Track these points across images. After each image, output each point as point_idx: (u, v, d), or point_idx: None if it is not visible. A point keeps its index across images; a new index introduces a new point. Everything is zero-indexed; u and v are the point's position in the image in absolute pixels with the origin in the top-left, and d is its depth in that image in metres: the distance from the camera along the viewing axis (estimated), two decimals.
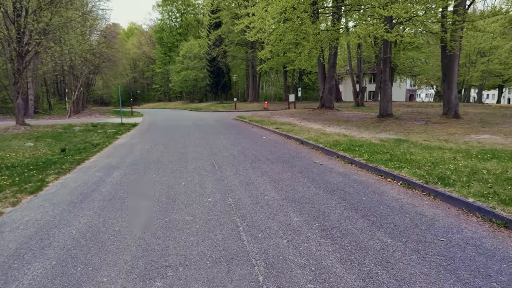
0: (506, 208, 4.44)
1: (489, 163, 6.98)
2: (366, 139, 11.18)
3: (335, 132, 13.62)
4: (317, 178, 6.85)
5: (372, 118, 19.83)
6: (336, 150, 9.28)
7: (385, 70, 18.26)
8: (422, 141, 10.65)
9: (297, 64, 26.55)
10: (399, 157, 7.78)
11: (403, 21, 14.43)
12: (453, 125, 15.51)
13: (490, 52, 45.42)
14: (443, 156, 7.84)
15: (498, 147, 9.39)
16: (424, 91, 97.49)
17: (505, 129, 14.00)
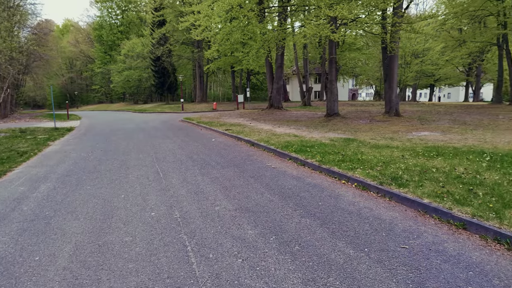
0: (462, 208, 4.39)
1: (436, 161, 7.12)
2: (317, 139, 11.11)
3: (285, 132, 13.45)
4: (270, 183, 6.48)
5: (320, 117, 20.12)
6: (288, 151, 9.02)
7: (331, 70, 18.58)
8: (370, 140, 10.81)
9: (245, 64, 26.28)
10: (351, 158, 7.69)
11: (348, 22, 14.69)
12: (395, 123, 16.16)
13: (423, 54, 48.89)
14: (392, 155, 7.91)
15: (439, 144, 9.77)
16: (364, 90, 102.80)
17: (442, 126, 14.85)
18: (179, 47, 44.93)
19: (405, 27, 15.57)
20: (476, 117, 19.31)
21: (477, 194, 4.82)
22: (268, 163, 8.39)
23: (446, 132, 12.91)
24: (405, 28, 15.99)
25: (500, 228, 3.76)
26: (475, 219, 4.06)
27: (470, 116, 20.04)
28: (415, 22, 16.18)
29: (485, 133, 12.33)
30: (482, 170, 6.13)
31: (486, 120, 17.56)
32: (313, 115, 22.01)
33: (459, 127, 14.53)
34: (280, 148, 9.62)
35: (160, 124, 20.84)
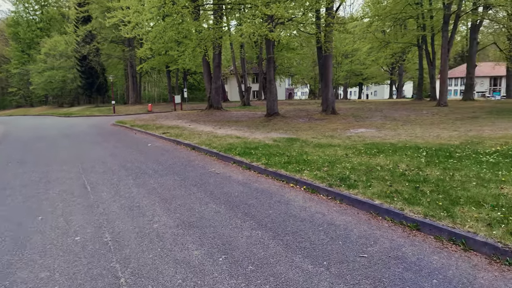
0: (413, 208, 4.32)
1: (378, 158, 7.19)
2: (260, 140, 10.82)
3: (227, 134, 12.99)
4: (215, 191, 5.97)
5: (260, 117, 20.00)
6: (232, 155, 8.57)
7: (270, 69, 18.53)
8: (312, 139, 10.80)
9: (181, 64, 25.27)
10: (297, 159, 7.48)
11: (285, 21, 14.68)
12: (333, 121, 16.59)
13: (352, 54, 51.72)
14: (336, 154, 7.87)
15: (377, 140, 10.06)
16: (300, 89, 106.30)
17: (375, 123, 15.54)
18: (108, 46, 41.98)
19: (338, 27, 16.03)
20: (403, 113, 20.67)
21: (424, 192, 4.83)
22: (211, 168, 7.85)
23: (380, 128, 13.47)
24: (338, 28, 16.47)
25: (454, 228, 3.71)
26: (428, 219, 3.99)
27: (398, 112, 21.41)
28: (348, 23, 16.74)
29: (414, 128, 13.09)
30: (423, 166, 6.28)
31: (413, 115, 18.85)
32: (253, 115, 21.84)
33: (391, 123, 15.32)
34: (223, 151, 9.14)
35: (89, 129, 19.07)
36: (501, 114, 17.91)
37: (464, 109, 21.98)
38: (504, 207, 4.07)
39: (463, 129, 12.47)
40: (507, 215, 3.83)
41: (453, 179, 5.35)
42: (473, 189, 4.78)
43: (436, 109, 22.29)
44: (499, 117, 16.56)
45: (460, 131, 11.91)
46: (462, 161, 6.57)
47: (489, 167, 6.01)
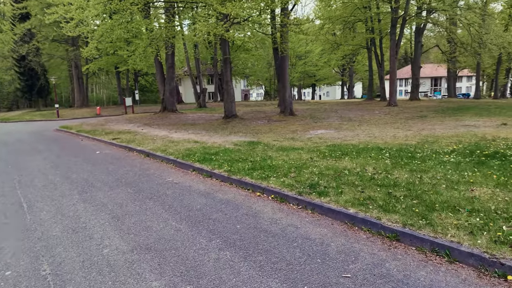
0: (390, 216, 4.08)
1: (344, 161, 7.01)
2: (220, 144, 10.30)
3: (184, 138, 12.30)
4: (175, 205, 5.39)
5: (218, 119, 19.44)
6: (191, 161, 7.98)
7: (226, 70, 18.05)
8: (273, 142, 10.49)
9: (131, 64, 23.94)
10: (261, 164, 7.09)
11: (241, 20, 14.28)
12: (291, 122, 16.49)
13: (305, 56, 52.68)
14: (301, 158, 7.60)
15: (338, 142, 9.98)
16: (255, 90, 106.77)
17: (333, 123, 15.66)
18: (50, 45, 38.96)
19: (294, 28, 15.95)
20: (358, 113, 21.19)
21: (397, 197, 4.64)
22: (169, 177, 7.22)
23: (338, 129, 13.53)
24: (294, 29, 16.41)
25: (436, 238, 3.50)
26: (407, 228, 3.77)
27: (352, 112, 21.91)
28: (303, 24, 16.75)
29: (371, 128, 13.31)
30: (390, 169, 6.16)
31: (367, 115, 19.35)
32: (210, 117, 21.21)
33: (347, 123, 15.52)
34: (181, 157, 8.51)
35: (29, 135, 17.31)
36: (446, 113, 18.92)
37: (413, 109, 23.03)
38: (480, 212, 3.97)
39: (416, 128, 12.87)
40: (486, 221, 3.71)
41: (422, 182, 5.25)
42: (445, 193, 4.68)
43: (387, 109, 23.14)
44: (446, 115, 17.46)
45: (414, 130, 12.26)
46: (425, 162, 6.57)
47: (453, 167, 6.04)
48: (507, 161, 6.38)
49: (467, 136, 10.11)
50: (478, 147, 7.96)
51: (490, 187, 4.80)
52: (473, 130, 11.59)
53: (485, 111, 19.30)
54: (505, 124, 12.76)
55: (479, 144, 8.52)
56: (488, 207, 4.11)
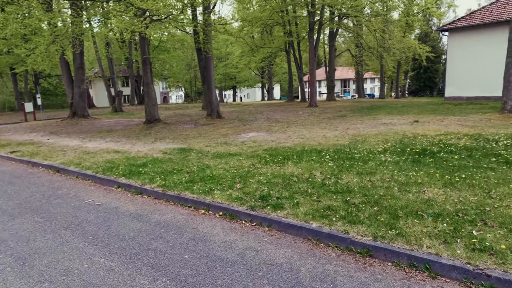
0: (357, 228, 3.75)
1: (288, 167, 6.64)
2: (146, 154, 9.21)
3: (102, 148, 10.83)
4: (100, 234, 4.39)
5: (138, 124, 17.89)
6: (114, 176, 6.85)
7: (146, 71, 16.67)
8: (206, 148, 9.77)
9: (30, 65, 20.77)
10: (200, 175, 6.34)
11: (162, 17, 13.20)
12: (220, 126, 15.87)
13: (226, 58, 52.45)
14: (242, 165, 7.04)
15: (273, 145, 9.68)
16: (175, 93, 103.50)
17: (262, 125, 15.47)
18: None
19: (219, 27, 15.36)
20: (283, 114, 21.47)
21: (357, 205, 4.36)
22: (89, 197, 6.04)
23: (269, 131, 13.33)
24: (219, 28, 15.82)
25: (412, 250, 3.24)
26: (379, 241, 3.46)
27: (277, 113, 22.15)
28: (229, 23, 16.25)
29: (300, 130, 13.37)
30: (337, 172, 5.95)
31: (292, 116, 19.67)
32: (129, 123, 19.47)
33: (276, 125, 15.46)
34: (102, 172, 7.29)
35: None
36: (363, 112, 20.18)
37: (332, 109, 24.22)
38: (443, 216, 3.86)
39: (341, 128, 13.29)
40: (454, 226, 3.59)
41: (374, 185, 5.09)
42: (401, 197, 4.55)
43: (310, 110, 23.95)
44: (363, 114, 18.55)
45: (340, 130, 12.61)
46: (367, 163, 6.55)
47: (395, 168, 6.07)
48: (438, 158, 6.67)
49: (390, 134, 10.65)
50: (405, 145, 8.32)
51: (439, 187, 4.83)
52: (393, 128, 12.33)
53: (394, 109, 21.04)
54: (417, 121, 13.88)
55: (404, 141, 8.95)
56: (448, 209, 4.04)
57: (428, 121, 13.63)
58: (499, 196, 4.33)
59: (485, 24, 23.28)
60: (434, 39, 54.87)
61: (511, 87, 13.56)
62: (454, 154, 7.00)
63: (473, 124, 11.95)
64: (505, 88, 13.77)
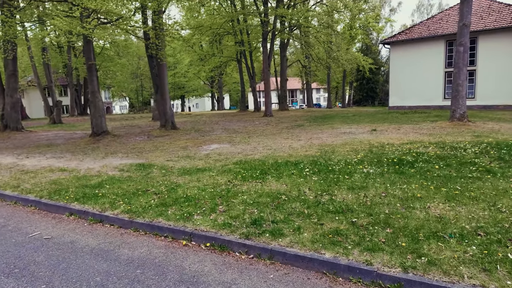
0: (380, 257, 3.24)
1: (270, 183, 6.04)
2: (100, 172, 8.06)
3: (43, 166, 9.37)
4: (56, 282, 3.40)
5: (83, 137, 16.22)
6: (65, 201, 5.73)
7: (92, 79, 15.18)
8: (168, 163, 8.84)
9: None
10: (172, 197, 5.49)
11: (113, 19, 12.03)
12: (177, 137, 14.87)
13: (174, 66, 50.85)
14: (218, 182, 6.30)
15: (241, 158, 9.05)
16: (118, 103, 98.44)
17: (222, 136, 14.74)
18: None
19: (175, 33, 14.47)
20: (239, 124, 20.92)
21: (366, 227, 3.88)
22: (34, 230, 4.91)
23: (232, 142, 12.67)
24: (174, 34, 14.92)
25: (453, 283, 2.79)
26: (411, 273, 2.97)
27: (233, 123, 21.55)
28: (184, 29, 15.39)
29: (263, 140, 12.86)
30: (326, 188, 5.47)
31: (250, 126, 19.17)
32: (71, 136, 17.61)
33: (237, 135, 14.84)
34: (48, 196, 6.10)
35: None
36: (318, 121, 20.30)
37: (287, 118, 24.19)
38: (465, 237, 3.50)
39: (304, 138, 13.04)
40: (485, 248, 3.23)
41: (374, 202, 4.67)
42: (409, 215, 4.16)
43: (266, 119, 23.69)
44: (319, 124, 18.60)
45: (304, 140, 12.34)
46: (352, 176, 6.17)
47: (383, 180, 5.74)
48: (418, 168, 6.51)
49: (356, 144, 10.53)
50: (377, 155, 8.16)
51: (442, 202, 4.53)
52: (355, 137, 12.31)
53: (347, 118, 21.40)
54: (375, 130, 14.08)
55: (374, 151, 8.82)
56: (466, 228, 3.71)
57: (386, 130, 13.89)
58: (509, 209, 4.12)
59: (423, 38, 24.93)
60: (374, 52, 58.26)
61: (459, 96, 14.30)
62: (431, 163, 6.91)
63: (430, 132, 12.33)
64: (454, 97, 14.50)
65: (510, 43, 21.62)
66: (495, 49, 21.64)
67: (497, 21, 22.40)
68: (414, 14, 63.66)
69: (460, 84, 14.34)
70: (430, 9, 62.06)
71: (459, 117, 14.31)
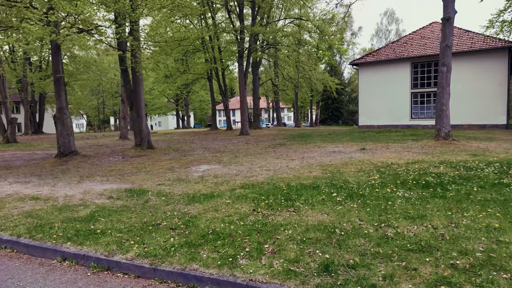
0: None
1: (306, 212, 5.16)
2: (83, 200, 6.75)
3: (7, 193, 7.82)
4: None
5: (47, 158, 14.44)
6: (53, 241, 4.47)
7: (60, 94, 13.62)
8: (163, 188, 7.71)
9: None
10: (195, 232, 4.44)
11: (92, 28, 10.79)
12: (156, 158, 13.60)
13: None
14: (240, 211, 5.32)
15: (244, 181, 8.16)
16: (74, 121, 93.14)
17: (208, 156, 13.68)
18: None
19: (155, 45, 13.41)
20: (218, 143, 19.90)
21: (478, 273, 3.12)
22: (16, 284, 3.66)
23: (221, 163, 11.69)
24: (154, 45, 13.87)
25: None
26: None
27: (210, 142, 20.50)
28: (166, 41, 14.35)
29: (254, 160, 11.98)
30: (378, 218, 4.71)
31: (230, 145, 18.23)
32: (31, 156, 15.67)
33: (221, 155, 13.86)
34: (27, 233, 4.79)
35: None
36: (297, 140, 19.74)
37: (264, 137, 23.55)
38: None
39: (296, 157, 12.36)
40: None
41: (454, 236, 3.96)
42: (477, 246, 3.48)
43: (243, 138, 22.88)
44: (300, 142, 18.01)
45: (298, 160, 11.66)
46: (393, 202, 5.48)
47: (436, 207, 5.10)
48: (456, 191, 5.99)
49: (357, 163, 10.01)
50: (393, 176, 7.63)
51: None
52: (351, 156, 11.82)
53: (325, 137, 20.91)
54: (364, 149, 13.73)
55: (384, 171, 8.30)
56: None
57: (375, 149, 13.57)
58: None
59: (390, 60, 25.66)
60: (339, 73, 60.13)
61: (443, 115, 14.43)
62: (462, 185, 6.45)
63: (423, 151, 12.15)
64: (438, 116, 14.61)
65: (471, 66, 22.76)
66: (457, 72, 22.53)
67: (459, 45, 23.54)
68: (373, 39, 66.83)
69: (444, 103, 14.50)
70: (388, 34, 65.32)
71: (444, 135, 14.38)
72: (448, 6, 14.40)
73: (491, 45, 21.82)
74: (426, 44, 25.35)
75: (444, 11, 14.52)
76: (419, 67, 25.04)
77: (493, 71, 21.42)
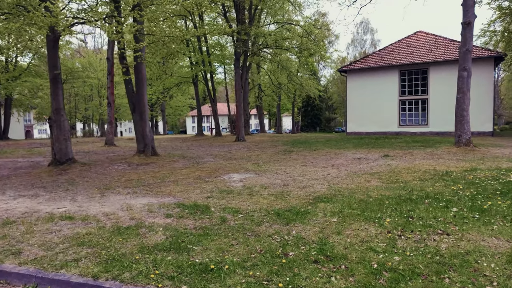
0: None
1: (465, 234, 4.18)
2: (134, 218, 5.34)
3: (19, 210, 6.21)
4: None
5: (36, 167, 12.55)
6: (156, 283, 3.17)
7: (57, 93, 11.89)
8: (213, 200, 6.45)
9: None
10: (361, 269, 3.31)
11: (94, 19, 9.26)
12: (169, 166, 12.14)
13: None
14: (367, 234, 4.24)
15: (306, 192, 7.09)
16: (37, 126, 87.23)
17: (227, 164, 12.41)
18: None
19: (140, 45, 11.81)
20: (218, 149, 18.59)
21: None
22: None
23: (249, 171, 10.50)
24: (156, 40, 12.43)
25: None
26: None
27: (213, 149, 19.14)
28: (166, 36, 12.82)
29: (283, 168, 10.90)
30: None
31: (235, 152, 17.01)
32: (15, 165, 13.62)
33: (240, 162, 12.60)
34: (103, 271, 3.42)
35: None
36: (302, 146, 18.59)
37: (262, 143, 22.47)
38: None
39: (326, 164, 11.44)
40: None
41: None
42: None
43: (242, 144, 21.71)
44: (307, 149, 17.04)
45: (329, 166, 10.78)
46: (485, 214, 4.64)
47: None
48: None
49: (406, 171, 9.23)
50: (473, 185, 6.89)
51: None
52: (382, 163, 11.04)
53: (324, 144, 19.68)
54: (388, 156, 13.06)
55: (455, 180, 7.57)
56: None
57: (399, 156, 12.93)
58: None
59: (378, 67, 25.52)
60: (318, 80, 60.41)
61: (464, 121, 14.09)
62: None
63: (456, 157, 11.61)
64: (459, 122, 14.25)
65: None
66: (444, 79, 22.65)
67: (446, 54, 23.82)
68: (349, 48, 67.79)
69: (465, 109, 14.16)
70: (364, 43, 66.74)
71: (466, 142, 14.03)
72: (468, 11, 14.16)
73: (478, 54, 22.16)
74: (414, 53, 25.48)
75: (464, 16, 14.26)
76: (407, 75, 25.05)
77: (480, 80, 21.60)
